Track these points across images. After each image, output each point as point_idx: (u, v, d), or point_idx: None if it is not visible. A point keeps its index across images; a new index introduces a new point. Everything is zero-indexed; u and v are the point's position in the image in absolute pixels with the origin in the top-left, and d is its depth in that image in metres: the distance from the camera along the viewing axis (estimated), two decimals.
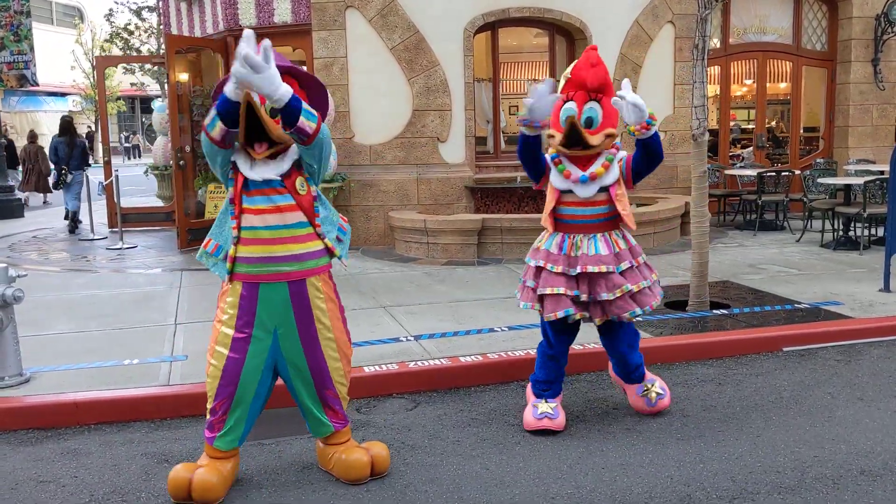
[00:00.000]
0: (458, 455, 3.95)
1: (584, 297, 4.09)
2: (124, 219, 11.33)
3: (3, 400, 4.52)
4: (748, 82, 13.10)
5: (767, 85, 12.96)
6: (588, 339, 5.47)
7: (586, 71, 4.05)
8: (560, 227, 4.19)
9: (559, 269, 4.10)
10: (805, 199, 10.08)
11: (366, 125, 9.84)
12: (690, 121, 6.39)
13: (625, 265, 4.11)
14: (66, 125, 13.07)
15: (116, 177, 11.40)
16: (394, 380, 4.89)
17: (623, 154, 4.20)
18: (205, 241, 3.54)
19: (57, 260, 9.53)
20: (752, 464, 3.77)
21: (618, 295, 4.06)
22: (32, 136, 16.22)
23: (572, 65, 4.20)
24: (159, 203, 13.25)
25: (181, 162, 10.02)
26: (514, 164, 10.38)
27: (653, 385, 4.41)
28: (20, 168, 15.91)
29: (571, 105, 4.06)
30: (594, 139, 4.02)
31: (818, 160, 11.71)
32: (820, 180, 9.98)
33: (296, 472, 3.79)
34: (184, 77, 10.72)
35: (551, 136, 4.13)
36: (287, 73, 3.37)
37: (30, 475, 3.80)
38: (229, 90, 3.17)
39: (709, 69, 12.02)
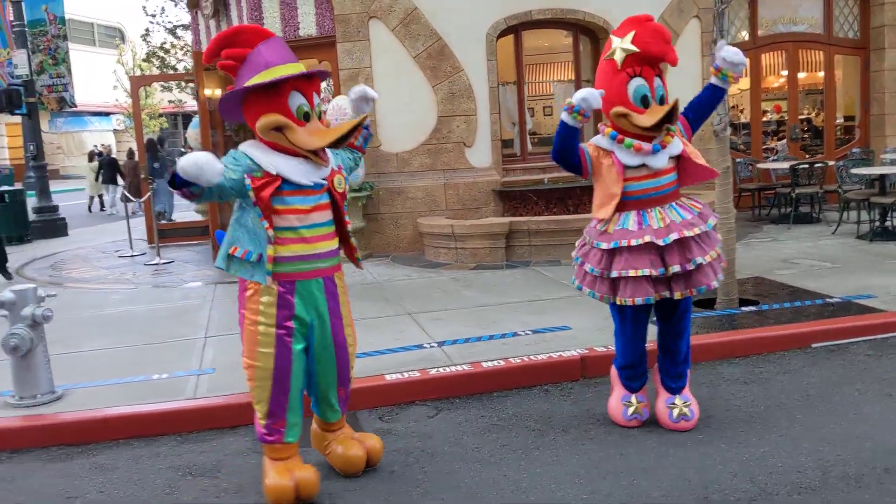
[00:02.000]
0: (478, 462, 3.96)
1: (677, 268, 3.90)
2: (162, 234, 11.57)
3: (35, 417, 4.65)
4: (784, 73, 12.89)
5: (804, 75, 12.74)
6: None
7: (663, 47, 3.89)
8: (626, 206, 4.01)
9: (648, 238, 3.89)
10: (840, 191, 9.87)
11: (392, 133, 9.91)
12: (712, 116, 6.31)
13: (713, 221, 4.00)
14: (151, 144, 14.90)
15: (153, 191, 11.63)
16: (415, 387, 4.92)
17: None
18: (229, 248, 3.48)
19: (96, 277, 9.76)
20: (774, 464, 3.71)
21: (714, 257, 3.95)
22: (131, 153, 18.39)
23: (628, 37, 3.93)
24: (197, 217, 13.49)
25: None
26: (542, 167, 10.37)
27: (684, 403, 4.22)
28: (121, 181, 18.40)
29: (641, 82, 3.91)
30: (677, 117, 3.96)
31: (854, 150, 11.47)
32: (853, 171, 9.77)
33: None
34: (217, 93, 10.91)
35: (623, 115, 3.93)
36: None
37: (57, 491, 3.90)
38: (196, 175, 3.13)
39: None
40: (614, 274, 3.98)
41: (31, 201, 14.81)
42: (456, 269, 8.67)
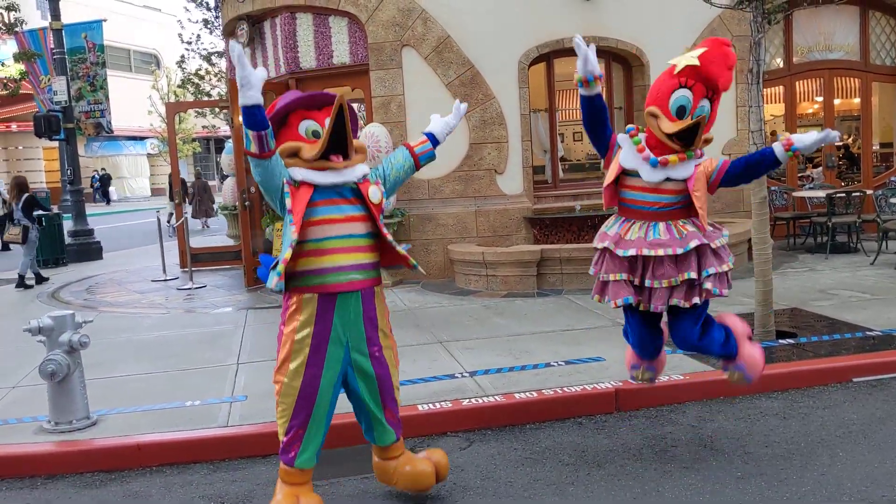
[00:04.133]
0: (510, 497, 3.91)
1: (634, 281, 3.99)
2: (195, 258, 11.68)
3: (71, 443, 4.68)
4: (818, 100, 12.77)
5: (838, 101, 12.60)
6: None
7: (722, 71, 3.85)
8: (623, 212, 4.11)
9: (608, 245, 4.02)
10: (878, 220, 9.71)
11: None
12: (748, 145, 6.26)
13: (693, 243, 3.91)
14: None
15: (186, 218, 11.77)
16: (448, 418, 4.88)
17: (707, 158, 4.03)
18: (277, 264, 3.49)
19: (130, 301, 9.86)
20: None
21: (679, 282, 3.92)
22: (198, 174, 21.11)
23: (698, 52, 3.91)
24: (230, 242, 13.61)
25: (247, 202, 10.29)
26: (573, 194, 10.35)
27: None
28: (188, 202, 19.90)
29: (687, 94, 3.88)
30: (699, 141, 3.93)
31: (893, 178, 11.29)
32: (893, 200, 9.60)
33: None
34: None
35: (654, 116, 3.95)
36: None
37: None
38: (242, 98, 3.24)
39: (773, 89, 11.85)
40: (602, 277, 4.09)
41: (67, 224, 15.06)
42: (487, 296, 8.64)
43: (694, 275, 3.93)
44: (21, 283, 11.42)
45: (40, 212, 11.92)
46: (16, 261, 15.24)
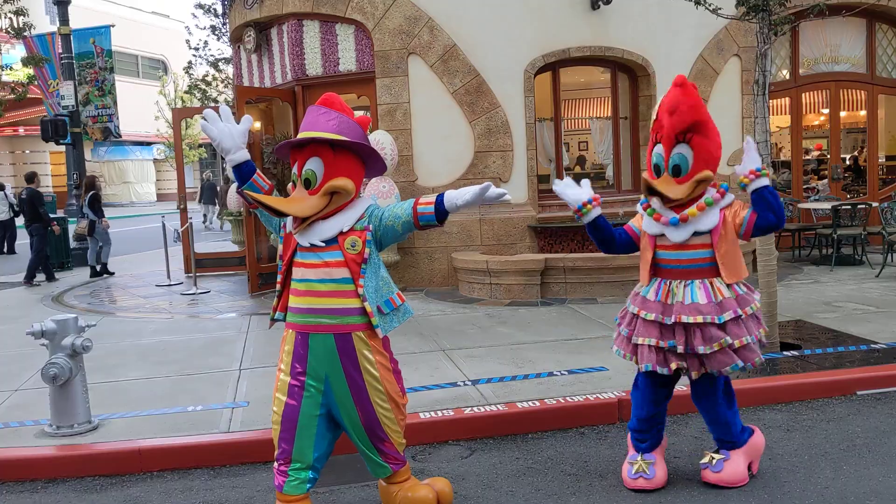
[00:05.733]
0: None
1: (679, 349, 3.82)
2: (199, 264, 11.69)
3: (72, 448, 4.68)
4: (824, 111, 12.76)
5: (844, 114, 12.58)
6: None
7: (667, 117, 3.79)
8: (658, 273, 3.97)
9: (652, 316, 3.88)
10: (884, 232, 9.68)
11: (428, 168, 9.95)
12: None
13: (728, 315, 3.78)
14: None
15: (191, 224, 11.79)
16: (449, 426, 4.87)
17: (731, 199, 3.90)
18: None
19: (133, 306, 9.87)
20: None
21: (715, 349, 3.77)
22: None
23: (659, 101, 3.91)
24: (234, 248, 13.63)
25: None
26: None
27: (718, 455, 4.02)
28: (216, 204, 22.05)
29: (658, 149, 3.85)
30: (677, 190, 3.77)
31: None
32: None
33: None
34: (255, 126, 11.07)
35: (645, 180, 3.87)
36: (347, 148, 3.52)
37: None
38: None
39: (778, 100, 11.84)
40: (634, 340, 3.96)
41: (72, 228, 15.08)
42: (490, 304, 8.62)
43: (736, 342, 3.80)
44: (105, 270, 13.09)
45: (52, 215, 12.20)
46: (19, 264, 15.30)
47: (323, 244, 3.51)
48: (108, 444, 4.69)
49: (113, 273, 13.13)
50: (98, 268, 13.05)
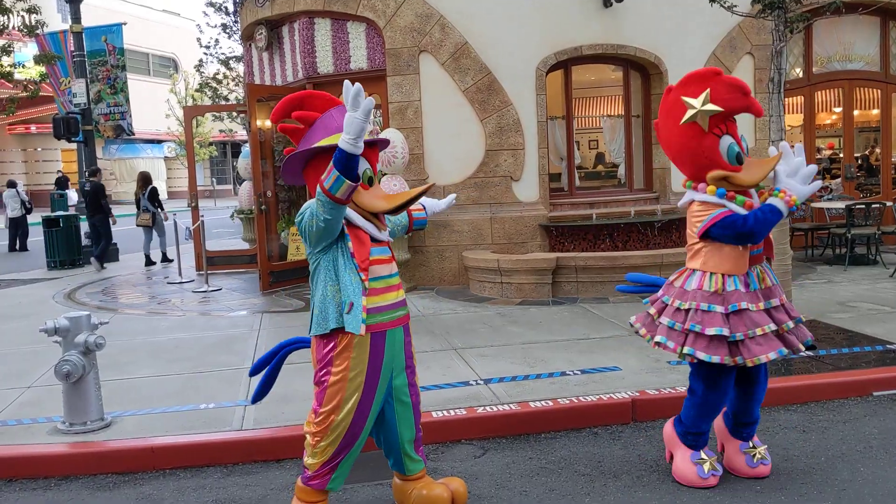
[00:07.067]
0: None
1: (790, 325, 3.88)
2: (211, 261, 11.69)
3: (84, 445, 4.68)
4: (837, 110, 12.67)
5: (858, 112, 12.49)
6: (664, 384, 5.33)
7: (741, 101, 3.75)
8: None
9: (761, 306, 3.82)
10: None
11: (439, 166, 9.93)
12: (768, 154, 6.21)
13: (775, 301, 3.91)
14: None
15: (202, 222, 11.80)
16: (462, 426, 4.85)
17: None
18: (324, 307, 3.44)
19: (145, 303, 9.89)
20: None
21: (803, 319, 3.96)
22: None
23: (703, 97, 3.74)
24: (245, 246, 13.65)
25: (262, 206, 10.30)
26: (589, 202, 10.31)
27: (759, 447, 4.08)
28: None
29: (731, 140, 3.82)
30: (763, 170, 3.86)
31: None
32: None
33: None
34: (267, 124, 11.07)
35: (723, 178, 3.79)
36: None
37: None
38: (348, 145, 3.09)
39: (792, 99, 11.77)
40: (739, 336, 3.76)
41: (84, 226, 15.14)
42: (501, 303, 8.60)
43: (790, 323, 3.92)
44: (164, 258, 13.97)
45: (59, 213, 12.21)
46: (31, 261, 15.37)
47: (391, 238, 3.69)
48: (121, 442, 4.70)
49: (172, 260, 13.57)
50: (151, 256, 13.85)
